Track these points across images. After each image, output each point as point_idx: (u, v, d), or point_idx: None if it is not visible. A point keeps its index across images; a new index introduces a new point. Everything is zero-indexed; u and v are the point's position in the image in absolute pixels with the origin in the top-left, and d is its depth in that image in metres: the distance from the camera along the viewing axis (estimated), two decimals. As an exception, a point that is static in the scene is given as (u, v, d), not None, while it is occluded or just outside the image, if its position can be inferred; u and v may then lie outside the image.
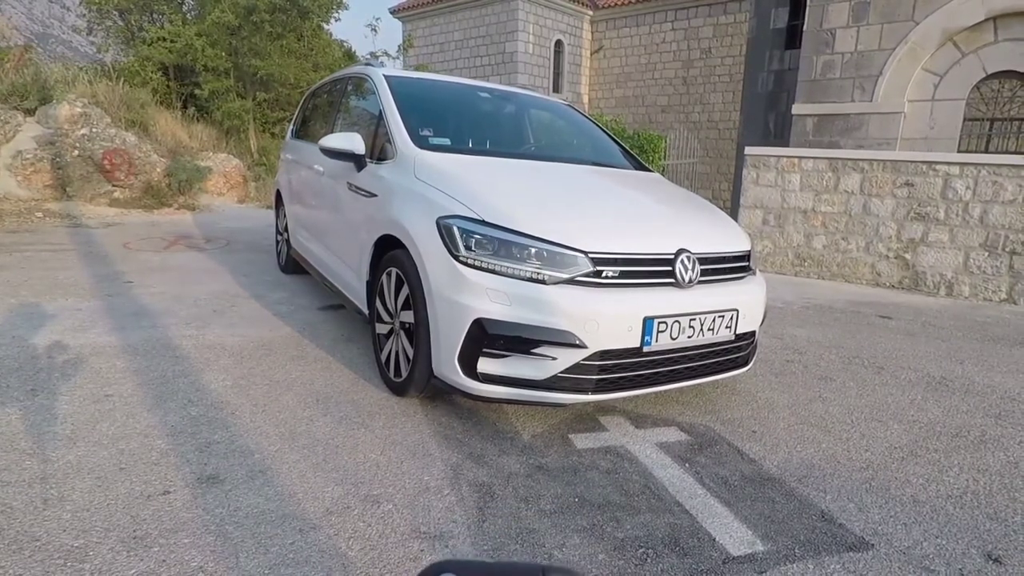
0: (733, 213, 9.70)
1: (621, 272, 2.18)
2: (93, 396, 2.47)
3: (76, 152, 8.49)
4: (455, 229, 2.18)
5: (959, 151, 7.84)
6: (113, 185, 8.68)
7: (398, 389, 2.58)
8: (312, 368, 2.94)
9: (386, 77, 3.25)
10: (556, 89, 18.77)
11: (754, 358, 2.77)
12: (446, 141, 2.88)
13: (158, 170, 9.05)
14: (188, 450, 2.08)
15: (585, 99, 19.56)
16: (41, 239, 5.99)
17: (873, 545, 1.78)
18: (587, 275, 2.13)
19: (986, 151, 7.84)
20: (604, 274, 2.15)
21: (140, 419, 2.29)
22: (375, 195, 2.77)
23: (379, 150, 2.95)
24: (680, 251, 2.31)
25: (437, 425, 2.38)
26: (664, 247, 2.29)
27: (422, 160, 2.61)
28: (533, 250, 2.13)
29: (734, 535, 1.80)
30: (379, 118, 3.06)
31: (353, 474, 1.99)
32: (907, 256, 6.05)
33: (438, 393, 2.55)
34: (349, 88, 3.79)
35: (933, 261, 5.93)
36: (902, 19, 7.81)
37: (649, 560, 1.66)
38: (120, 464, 1.96)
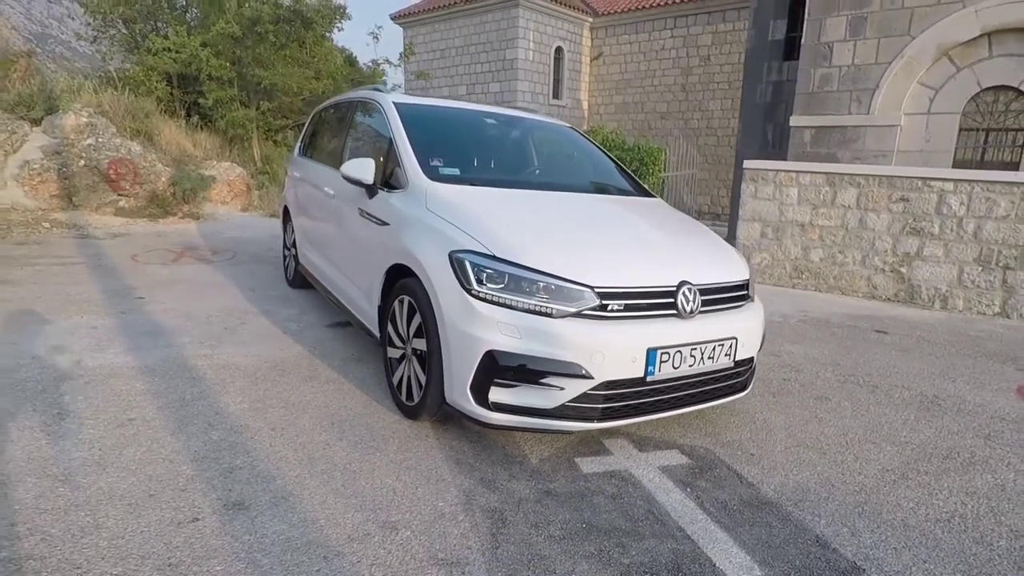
0: (732, 224, 9.80)
1: (625, 305, 2.28)
2: (117, 420, 2.57)
3: (82, 162, 8.58)
4: (467, 264, 2.29)
5: (954, 162, 7.97)
6: (119, 195, 8.77)
7: (410, 413, 2.68)
8: (325, 390, 3.04)
9: (396, 105, 3.36)
10: (556, 96, 18.90)
11: (752, 382, 2.88)
12: (455, 171, 2.98)
13: (163, 179, 9.14)
14: (213, 476, 2.18)
15: (585, 105, 19.68)
16: (50, 251, 6.08)
17: (864, 570, 1.89)
18: (593, 309, 2.23)
19: (981, 161, 7.97)
20: (609, 307, 2.25)
21: (164, 444, 2.39)
22: (387, 223, 2.87)
23: (390, 176, 3.06)
24: (682, 283, 2.41)
25: (449, 449, 2.48)
26: (666, 279, 2.40)
27: (433, 192, 2.72)
28: (541, 284, 2.23)
29: (733, 560, 1.90)
30: (389, 146, 3.16)
31: (371, 500, 2.09)
32: (903, 270, 6.17)
33: (448, 416, 2.65)
34: (358, 112, 3.89)
35: (928, 275, 6.04)
36: (898, 34, 7.93)
37: (653, 586, 1.76)
38: (149, 491, 2.06)
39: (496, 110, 3.98)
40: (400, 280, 2.72)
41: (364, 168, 3.00)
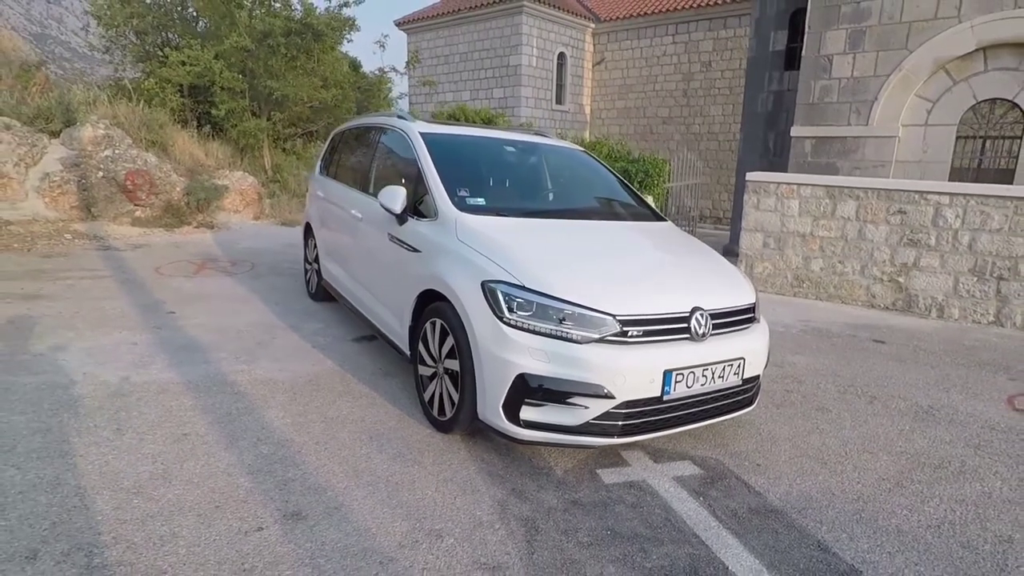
0: (734, 231, 10.02)
1: (644, 331, 2.50)
2: (173, 435, 2.79)
3: (100, 173, 8.79)
4: (499, 293, 2.51)
5: (951, 172, 8.19)
6: (135, 205, 8.99)
7: (442, 427, 2.90)
8: (360, 404, 3.25)
9: (422, 135, 3.58)
10: (559, 101, 19.11)
11: (758, 398, 3.09)
12: (481, 201, 3.19)
13: (177, 189, 9.36)
14: (269, 488, 2.39)
15: (587, 110, 19.90)
16: (77, 264, 6.30)
17: (861, 572, 2.10)
18: (615, 335, 2.45)
19: (979, 169, 8.19)
20: (629, 333, 2.47)
21: (220, 458, 2.61)
22: (418, 251, 3.09)
23: (418, 204, 3.28)
24: (695, 309, 2.63)
25: (480, 462, 2.70)
26: (681, 306, 2.61)
27: (463, 223, 2.93)
28: (567, 312, 2.45)
29: (744, 564, 2.12)
30: (417, 175, 3.38)
31: (416, 509, 2.31)
32: (900, 280, 6.38)
33: (477, 430, 2.86)
34: (383, 138, 4.11)
35: (925, 285, 6.26)
36: (896, 47, 8.15)
37: (674, 587, 1.98)
38: (215, 502, 2.28)
39: (512, 136, 4.20)
40: (431, 304, 2.94)
41: (396, 197, 3.22)
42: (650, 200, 4.06)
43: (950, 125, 8.11)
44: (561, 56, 18.91)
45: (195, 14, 11.91)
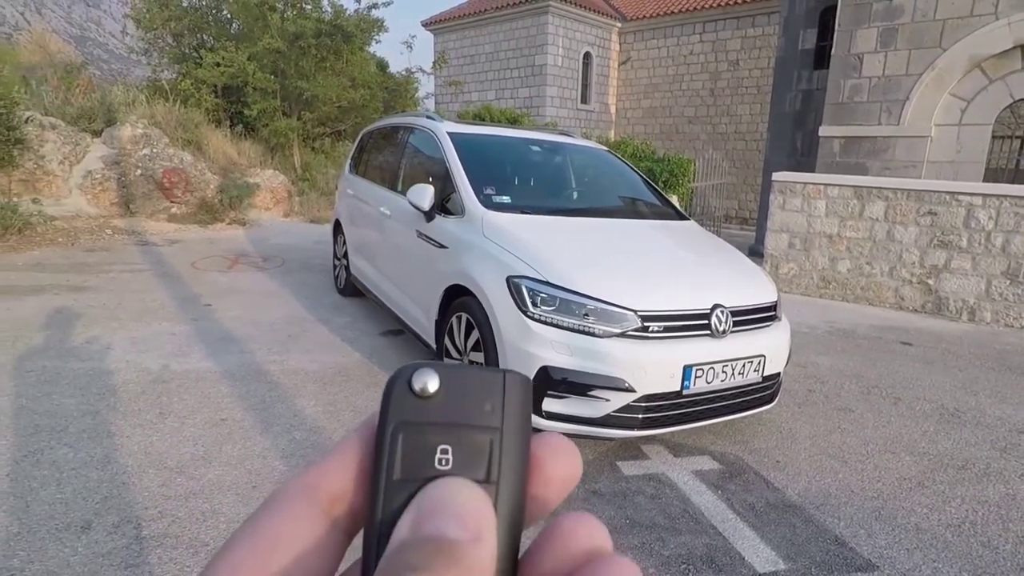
0: (759, 232, 9.93)
1: (664, 326, 2.56)
2: (211, 420, 2.93)
3: (139, 171, 9.12)
4: (524, 288, 2.59)
5: (986, 173, 8.01)
6: (171, 202, 9.30)
7: (467, 418, 2.99)
8: (387, 395, 3.36)
9: (450, 135, 3.67)
10: (584, 100, 19.10)
11: (779, 395, 3.12)
12: (507, 199, 3.28)
13: (211, 187, 9.65)
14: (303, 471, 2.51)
15: (612, 110, 19.85)
16: (118, 258, 6.56)
17: (878, 567, 2.13)
18: (636, 330, 2.51)
19: (1016, 169, 7.99)
20: (650, 328, 2.53)
21: (256, 442, 2.74)
22: (445, 247, 3.19)
23: (445, 201, 3.38)
24: (715, 305, 2.67)
25: (503, 451, 2.78)
26: (701, 302, 2.66)
27: (489, 221, 3.02)
28: (590, 307, 2.52)
29: (760, 555, 2.16)
30: (445, 174, 3.48)
31: (441, 495, 2.40)
32: (930, 282, 6.29)
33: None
34: (412, 137, 4.22)
35: (955, 287, 6.16)
36: (929, 45, 7.99)
37: (690, 574, 2.03)
38: (252, 483, 2.40)
39: (538, 135, 4.28)
40: (458, 298, 3.03)
41: (424, 194, 3.32)
42: (674, 200, 4.10)
43: (985, 124, 7.93)
44: (587, 55, 18.90)
45: (229, 17, 12.24)
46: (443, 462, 0.23)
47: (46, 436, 2.66)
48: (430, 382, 0.24)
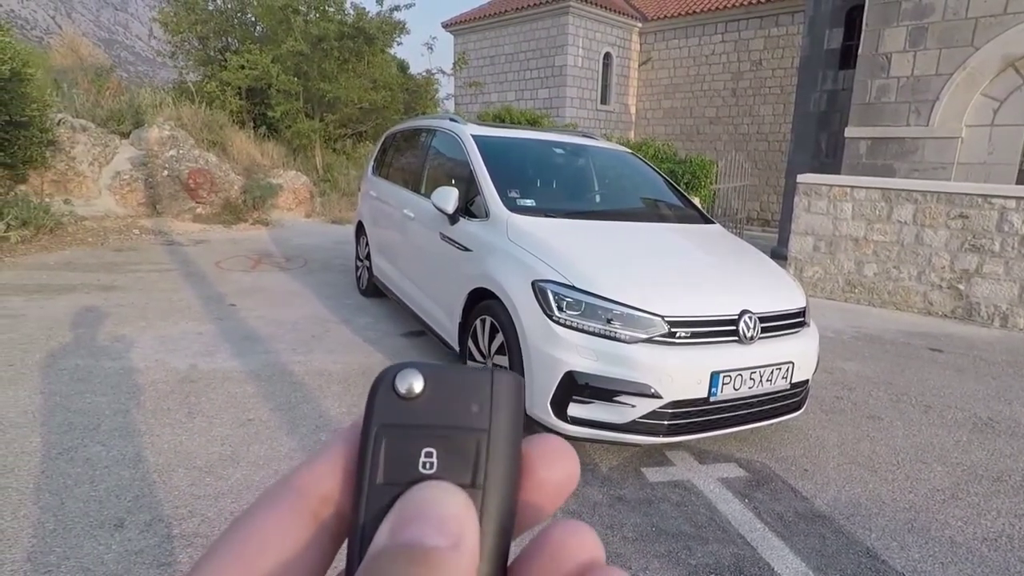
0: (783, 234, 9.79)
1: (692, 332, 2.53)
2: (238, 420, 2.97)
3: (165, 172, 9.29)
4: (549, 292, 2.58)
5: (1020, 175, 7.80)
6: (196, 202, 9.45)
7: (490, 421, 2.98)
8: (410, 397, 3.37)
9: (474, 138, 3.68)
10: (604, 101, 19.02)
11: (807, 403, 3.07)
12: (531, 203, 3.27)
13: (235, 188, 9.79)
14: (328, 472, 2.53)
15: (632, 110, 19.74)
16: (145, 258, 6.68)
17: (912, 581, 2.08)
18: (663, 335, 2.49)
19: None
20: (677, 334, 2.50)
21: (282, 443, 2.77)
22: (469, 250, 3.19)
23: (470, 204, 3.38)
24: (743, 312, 2.64)
25: (527, 456, 2.77)
26: (729, 308, 2.63)
27: (514, 224, 3.02)
28: (616, 312, 2.50)
29: (790, 566, 2.13)
30: (469, 176, 3.49)
31: (465, 499, 2.40)
32: (960, 287, 6.14)
33: (524, 425, 2.93)
34: (435, 140, 4.24)
35: (987, 292, 6.00)
36: (960, 44, 7.81)
37: (718, 585, 2.01)
38: (279, 483, 2.42)
39: (560, 138, 4.26)
40: (482, 301, 3.03)
41: (448, 197, 3.33)
42: (696, 202, 4.05)
43: (1019, 125, 7.73)
44: (607, 56, 18.81)
45: (253, 19, 12.41)
46: (427, 466, 0.23)
47: (79, 434, 2.72)
48: (415, 383, 0.23)
